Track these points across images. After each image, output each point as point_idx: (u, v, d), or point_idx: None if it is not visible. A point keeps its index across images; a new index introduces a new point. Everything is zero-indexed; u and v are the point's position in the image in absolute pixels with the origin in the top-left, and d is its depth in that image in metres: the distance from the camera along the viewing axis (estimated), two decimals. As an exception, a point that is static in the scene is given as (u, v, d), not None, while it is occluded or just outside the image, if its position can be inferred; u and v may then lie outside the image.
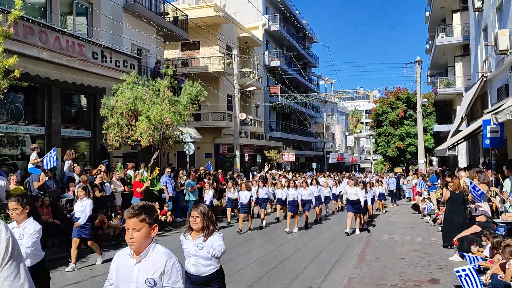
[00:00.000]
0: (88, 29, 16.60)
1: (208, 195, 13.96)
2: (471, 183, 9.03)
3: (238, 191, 14.07)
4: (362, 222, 13.64)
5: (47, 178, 10.82)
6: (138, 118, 13.70)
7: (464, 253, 7.07)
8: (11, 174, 10.77)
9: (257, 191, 14.48)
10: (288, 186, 14.10)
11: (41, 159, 11.27)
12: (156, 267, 2.73)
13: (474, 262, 6.71)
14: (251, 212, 14.52)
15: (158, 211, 13.23)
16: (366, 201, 13.50)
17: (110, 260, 7.19)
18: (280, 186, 15.08)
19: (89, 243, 8.82)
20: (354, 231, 12.80)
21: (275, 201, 15.91)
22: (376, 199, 17.47)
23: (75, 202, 8.89)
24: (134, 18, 18.98)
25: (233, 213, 15.56)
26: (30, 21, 12.19)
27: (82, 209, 8.41)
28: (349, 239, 11.79)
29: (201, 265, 4.05)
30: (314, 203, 14.53)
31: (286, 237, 12.34)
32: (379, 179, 20.84)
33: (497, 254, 6.77)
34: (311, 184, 15.07)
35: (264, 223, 14.16)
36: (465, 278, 6.55)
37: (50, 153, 11.11)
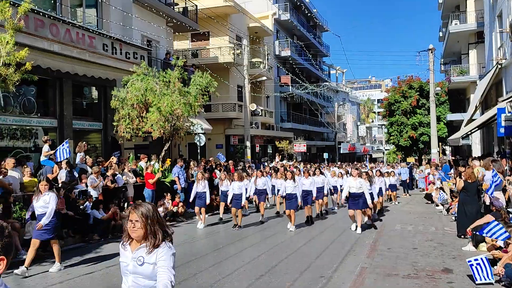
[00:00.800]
0: (98, 21, 16.62)
1: (201, 186, 12.29)
2: (493, 171, 8.88)
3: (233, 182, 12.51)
4: (366, 220, 12.19)
5: (60, 170, 10.90)
6: (148, 110, 13.73)
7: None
8: (25, 166, 10.90)
9: (255, 181, 13.80)
10: (286, 178, 12.29)
11: (54, 151, 11.38)
12: None
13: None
14: (243, 207, 13.11)
15: (170, 202, 13.31)
16: (371, 195, 11.97)
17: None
18: (280, 176, 13.38)
19: (52, 242, 7.64)
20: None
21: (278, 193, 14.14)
22: (384, 191, 15.84)
23: (34, 197, 7.63)
24: (143, 9, 18.93)
25: (226, 207, 13.94)
26: (41, 13, 12.23)
27: (45, 204, 7.37)
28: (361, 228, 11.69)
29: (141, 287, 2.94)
30: (314, 195, 12.85)
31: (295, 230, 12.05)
32: (389, 170, 20.38)
33: (510, 244, 6.68)
34: (313, 174, 13.92)
35: (264, 217, 13.19)
36: (476, 267, 6.49)
37: (63, 145, 11.20)
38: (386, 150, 70.39)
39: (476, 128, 18.60)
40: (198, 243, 10.58)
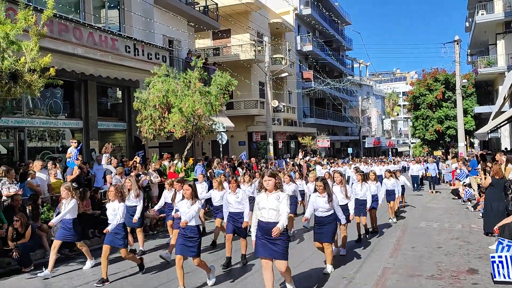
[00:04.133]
0: (120, 22, 16.88)
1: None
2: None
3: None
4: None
5: (79, 171, 11.15)
6: (170, 111, 13.89)
7: (503, 239, 6.78)
8: (57, 167, 11.24)
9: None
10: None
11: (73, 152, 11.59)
12: None
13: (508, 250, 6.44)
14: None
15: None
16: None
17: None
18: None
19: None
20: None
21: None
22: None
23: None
24: (164, 10, 19.13)
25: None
26: (64, 18, 12.50)
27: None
28: (384, 227, 11.57)
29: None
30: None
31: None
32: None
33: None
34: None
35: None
36: (497, 265, 6.33)
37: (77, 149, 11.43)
38: (412, 143, 69.18)
39: (505, 122, 18.08)
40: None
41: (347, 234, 8.67)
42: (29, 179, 9.83)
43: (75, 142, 11.45)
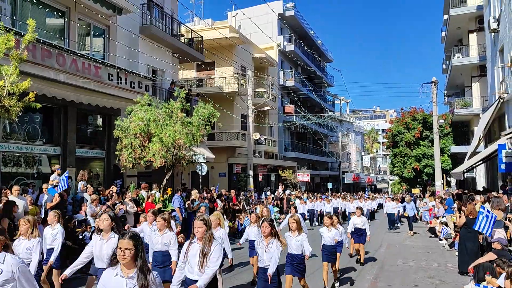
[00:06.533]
0: (104, 50, 16.95)
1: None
2: (483, 207, 8.75)
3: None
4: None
5: (59, 199, 10.91)
6: (151, 140, 13.81)
7: (478, 285, 6.85)
8: (26, 194, 10.93)
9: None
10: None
11: (57, 179, 11.42)
12: None
13: None
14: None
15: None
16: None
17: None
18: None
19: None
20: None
21: None
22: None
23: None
24: (149, 40, 19.33)
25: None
26: (47, 44, 12.50)
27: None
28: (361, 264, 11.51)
29: None
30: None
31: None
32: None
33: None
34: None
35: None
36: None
37: (65, 176, 11.24)
38: (390, 180, 69.99)
39: (480, 162, 18.51)
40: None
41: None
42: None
43: (59, 169, 11.24)
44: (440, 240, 15.88)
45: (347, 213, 22.92)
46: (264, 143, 31.32)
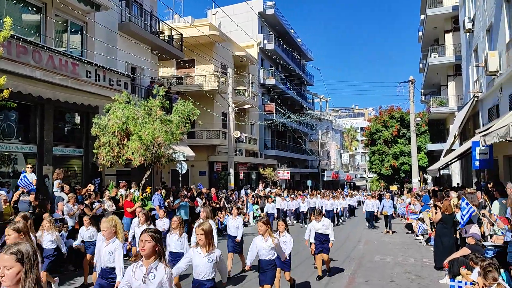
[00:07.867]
0: (82, 47, 16.70)
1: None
2: (463, 200, 8.97)
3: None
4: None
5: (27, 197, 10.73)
6: (129, 138, 13.68)
7: (453, 280, 7.04)
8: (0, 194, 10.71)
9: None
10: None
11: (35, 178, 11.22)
12: None
13: None
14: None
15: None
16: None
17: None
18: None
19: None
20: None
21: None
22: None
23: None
24: (128, 37, 19.12)
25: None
26: (22, 40, 12.24)
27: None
28: (341, 259, 11.68)
29: None
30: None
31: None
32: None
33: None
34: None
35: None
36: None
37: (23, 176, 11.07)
38: (369, 178, 70.93)
39: (455, 159, 18.93)
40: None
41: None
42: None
43: (31, 168, 11.05)
44: (417, 236, 16.21)
45: (323, 211, 22.80)
46: (244, 141, 31.34)
